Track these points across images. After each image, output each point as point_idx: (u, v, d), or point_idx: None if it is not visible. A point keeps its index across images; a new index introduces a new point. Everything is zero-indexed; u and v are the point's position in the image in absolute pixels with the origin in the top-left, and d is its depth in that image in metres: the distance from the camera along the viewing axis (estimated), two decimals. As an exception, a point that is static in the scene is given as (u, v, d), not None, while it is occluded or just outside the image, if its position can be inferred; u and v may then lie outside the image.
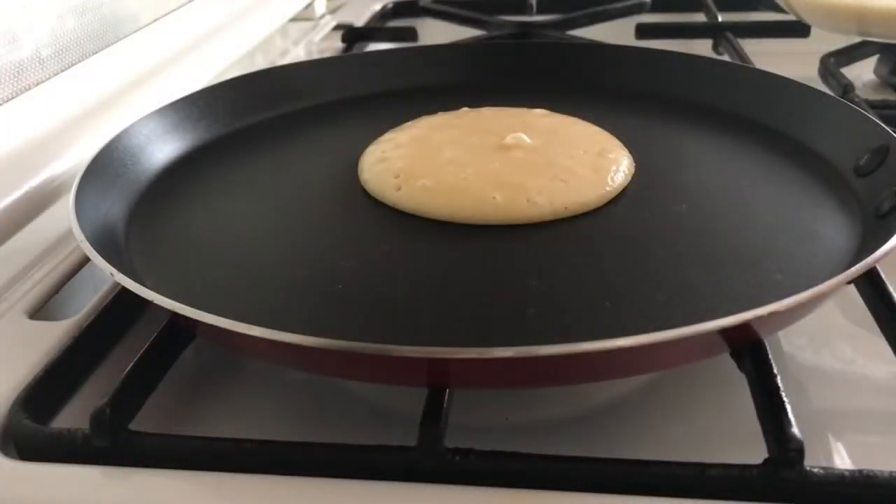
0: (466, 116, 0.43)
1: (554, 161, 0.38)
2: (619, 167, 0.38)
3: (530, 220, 0.35)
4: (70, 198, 0.34)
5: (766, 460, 0.25)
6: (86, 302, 0.35)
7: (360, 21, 0.80)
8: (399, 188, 0.37)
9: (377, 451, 0.26)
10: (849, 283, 0.27)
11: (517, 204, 0.35)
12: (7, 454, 0.27)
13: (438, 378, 0.26)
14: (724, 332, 0.25)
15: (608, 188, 0.37)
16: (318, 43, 0.77)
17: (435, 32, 0.74)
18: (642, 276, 0.31)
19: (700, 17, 0.75)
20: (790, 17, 0.66)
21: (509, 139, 0.40)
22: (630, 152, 0.40)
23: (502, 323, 0.29)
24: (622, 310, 0.29)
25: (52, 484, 0.26)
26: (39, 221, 0.42)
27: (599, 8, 0.73)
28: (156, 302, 0.27)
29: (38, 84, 0.46)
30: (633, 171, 0.39)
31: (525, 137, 0.40)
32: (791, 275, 0.31)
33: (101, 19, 0.53)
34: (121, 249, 0.34)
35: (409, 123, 0.43)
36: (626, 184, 0.38)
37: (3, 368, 0.31)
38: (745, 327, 0.25)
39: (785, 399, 0.25)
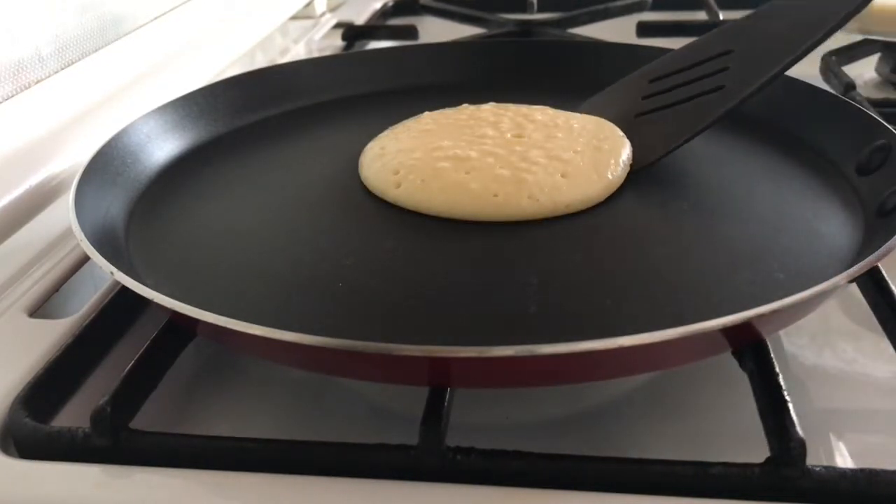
0: (466, 113, 0.43)
1: (555, 158, 0.37)
2: (620, 163, 0.38)
3: (531, 216, 0.35)
4: (70, 196, 0.34)
5: (767, 459, 0.25)
6: (86, 300, 0.35)
7: (360, 19, 0.80)
8: (399, 185, 0.37)
9: (378, 450, 0.26)
10: (851, 281, 0.27)
11: (518, 201, 0.35)
12: (7, 453, 0.27)
13: (439, 377, 0.26)
14: (726, 331, 0.25)
15: (609, 184, 0.37)
16: (319, 41, 0.77)
17: (435, 30, 0.74)
18: (643, 274, 0.31)
19: (701, 16, 0.75)
20: (791, 16, 0.66)
21: (510, 136, 0.40)
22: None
23: (503, 321, 0.29)
24: (623, 308, 0.29)
25: (52, 482, 0.26)
26: (39, 220, 0.42)
27: (600, 6, 0.73)
28: (156, 301, 0.27)
29: (38, 82, 0.46)
30: (631, 158, 0.38)
31: (525, 134, 0.40)
32: (793, 273, 0.31)
33: (101, 17, 0.53)
34: (121, 248, 0.34)
35: (409, 121, 0.43)
36: (625, 177, 0.37)
37: (4, 367, 0.31)
38: (746, 326, 0.25)
39: (787, 398, 0.25)
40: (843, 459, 0.28)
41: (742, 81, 0.38)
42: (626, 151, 0.39)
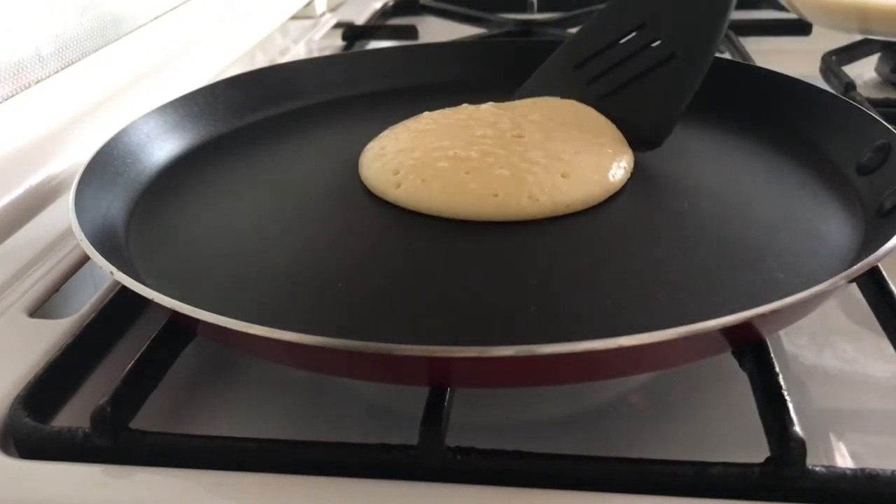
0: (466, 113, 0.43)
1: (555, 157, 0.37)
2: (620, 163, 0.38)
3: (531, 216, 0.35)
4: (70, 196, 0.34)
5: (767, 459, 0.25)
6: (86, 300, 0.35)
7: (360, 19, 0.80)
8: (399, 185, 0.37)
9: (378, 450, 0.26)
10: (850, 281, 0.27)
11: (518, 201, 0.35)
12: (7, 453, 0.27)
13: (439, 377, 0.26)
14: (726, 331, 0.25)
15: (609, 185, 0.37)
16: (319, 41, 0.77)
17: (435, 30, 0.74)
18: (643, 274, 0.31)
19: (701, 16, 0.74)
20: (791, 16, 0.66)
21: (510, 136, 0.40)
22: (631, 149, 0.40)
23: (503, 321, 0.29)
24: (623, 308, 0.29)
25: (52, 483, 0.26)
26: (39, 220, 0.42)
27: (600, 6, 0.72)
28: (156, 301, 0.27)
29: (38, 82, 0.46)
30: (632, 166, 0.39)
31: (525, 134, 0.40)
32: (793, 273, 0.31)
33: (102, 17, 0.53)
34: (121, 248, 0.34)
35: (409, 121, 0.43)
36: (626, 179, 0.38)
37: (4, 367, 0.31)
38: (746, 326, 0.25)
39: (787, 398, 0.25)
40: (843, 459, 0.28)
41: (693, 48, 0.41)
42: (627, 156, 0.39)
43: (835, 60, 0.57)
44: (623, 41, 0.44)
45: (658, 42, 0.42)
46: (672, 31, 0.42)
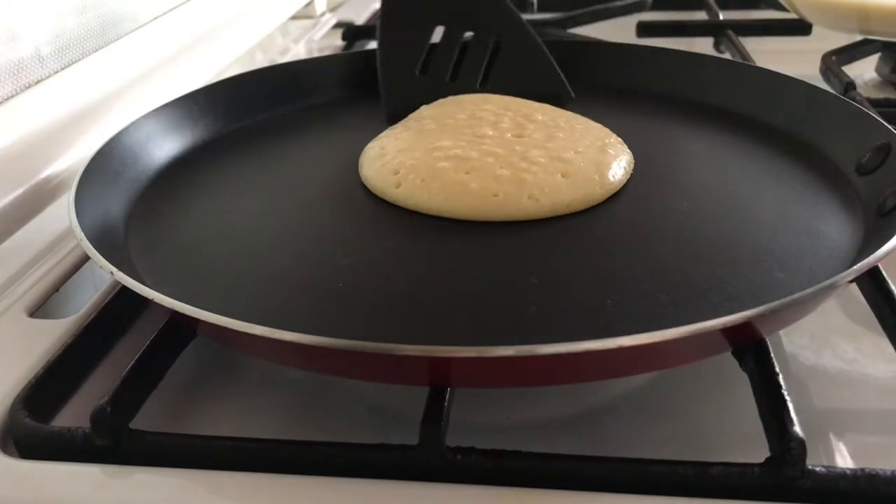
0: (466, 112, 0.43)
1: (555, 157, 0.37)
2: (620, 163, 0.38)
3: (531, 216, 0.35)
4: (70, 196, 0.34)
5: (767, 459, 0.25)
6: (86, 300, 0.35)
7: (360, 19, 0.80)
8: (399, 185, 0.37)
9: (378, 450, 0.26)
10: (851, 281, 0.27)
11: (518, 201, 0.35)
12: (7, 453, 0.27)
13: (439, 377, 0.26)
14: (726, 331, 0.25)
15: (609, 185, 0.37)
16: (319, 41, 0.77)
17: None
18: (643, 274, 0.31)
19: (701, 16, 0.75)
20: (791, 16, 0.66)
21: (510, 136, 0.40)
22: (631, 150, 0.40)
23: (503, 321, 0.29)
24: (623, 308, 0.29)
25: (52, 483, 0.26)
26: (39, 219, 0.42)
27: (601, 6, 0.73)
28: (156, 301, 0.27)
29: (38, 82, 0.46)
30: (632, 167, 0.39)
31: (526, 134, 0.40)
32: (793, 273, 0.31)
33: (102, 17, 0.53)
34: (121, 248, 0.34)
35: (409, 120, 0.43)
36: (626, 180, 0.38)
37: (4, 367, 0.31)
38: (746, 326, 0.25)
39: (787, 398, 0.25)
40: (843, 459, 0.28)
41: (508, 29, 0.48)
42: (627, 157, 0.39)
43: (835, 60, 0.57)
44: (440, 39, 0.49)
45: (471, 34, 0.48)
46: (472, 21, 0.48)
